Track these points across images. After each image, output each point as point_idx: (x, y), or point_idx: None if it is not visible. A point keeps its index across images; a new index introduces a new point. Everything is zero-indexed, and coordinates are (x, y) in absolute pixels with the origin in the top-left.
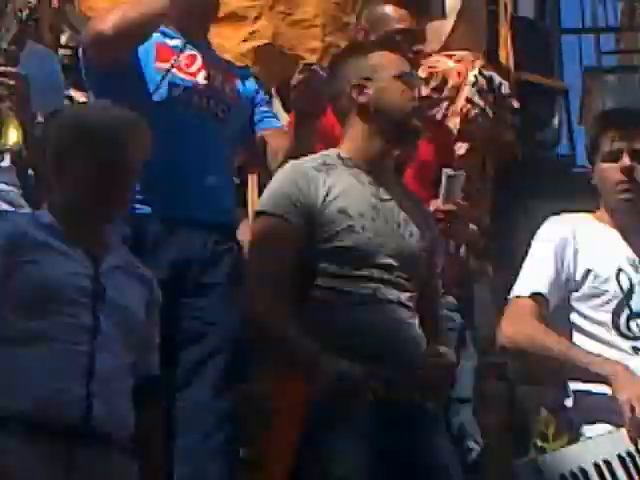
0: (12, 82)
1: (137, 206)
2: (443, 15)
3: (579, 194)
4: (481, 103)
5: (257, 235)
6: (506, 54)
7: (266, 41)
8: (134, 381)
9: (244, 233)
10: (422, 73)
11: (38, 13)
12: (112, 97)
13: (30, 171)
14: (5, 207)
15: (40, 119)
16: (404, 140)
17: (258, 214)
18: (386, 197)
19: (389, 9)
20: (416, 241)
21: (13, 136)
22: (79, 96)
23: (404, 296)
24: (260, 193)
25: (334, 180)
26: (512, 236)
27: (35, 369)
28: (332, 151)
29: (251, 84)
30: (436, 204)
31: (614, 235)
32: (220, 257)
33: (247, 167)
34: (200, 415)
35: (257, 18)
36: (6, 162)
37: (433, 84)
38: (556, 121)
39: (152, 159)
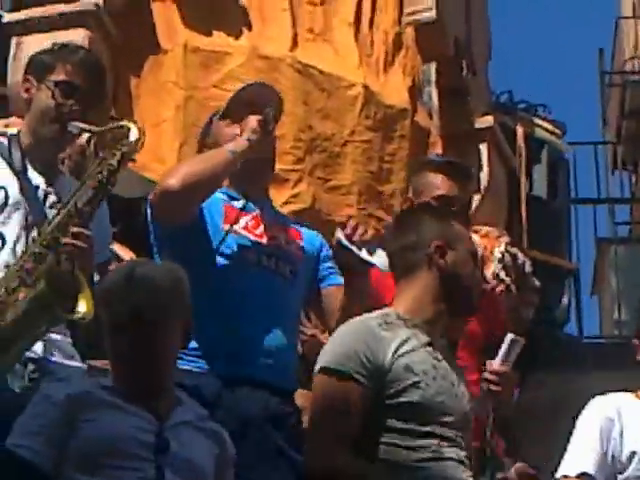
0: (85, 245)
1: (198, 361)
2: (478, 191)
3: (588, 365)
4: (507, 280)
5: (323, 394)
6: (521, 232)
7: (306, 206)
8: None
9: None
10: None
11: (116, 177)
12: (179, 258)
13: None
14: (58, 356)
15: (96, 277)
16: (465, 312)
17: (324, 370)
18: (440, 358)
19: (434, 176)
20: (467, 402)
21: (85, 305)
22: (118, 249)
23: (462, 454)
24: None
25: (399, 339)
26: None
27: None
28: (390, 310)
29: (317, 240)
30: (492, 365)
31: None
32: (281, 421)
33: None
34: None
35: (298, 182)
36: None
37: None
38: (565, 300)
39: (218, 316)
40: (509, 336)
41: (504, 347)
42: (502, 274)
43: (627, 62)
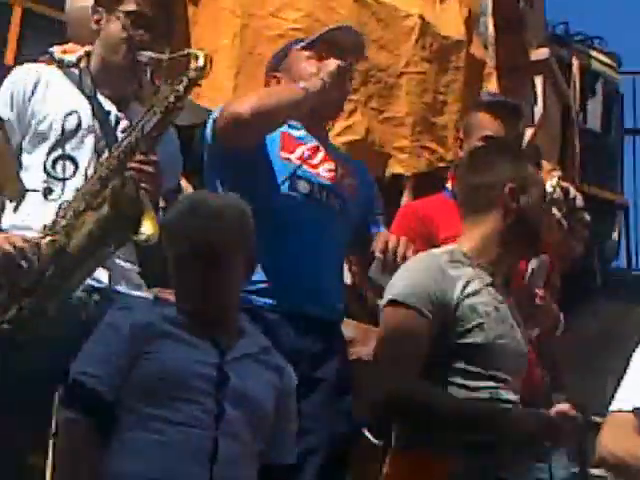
0: (153, 170)
1: (254, 297)
2: (532, 124)
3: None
4: (558, 214)
5: (391, 325)
6: (573, 166)
7: (359, 137)
8: (266, 468)
9: None
10: None
11: (184, 102)
12: (237, 183)
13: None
14: (124, 286)
15: (161, 204)
16: (532, 253)
17: (392, 302)
18: (502, 299)
19: (481, 116)
20: (524, 344)
21: (149, 228)
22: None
23: (517, 397)
24: None
25: (465, 278)
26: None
27: (160, 454)
28: (456, 247)
29: (369, 178)
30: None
31: None
32: (330, 353)
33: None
34: None
35: (352, 113)
36: None
37: None
38: (615, 235)
39: (272, 250)
40: (534, 261)
41: (531, 270)
42: (553, 208)
43: None
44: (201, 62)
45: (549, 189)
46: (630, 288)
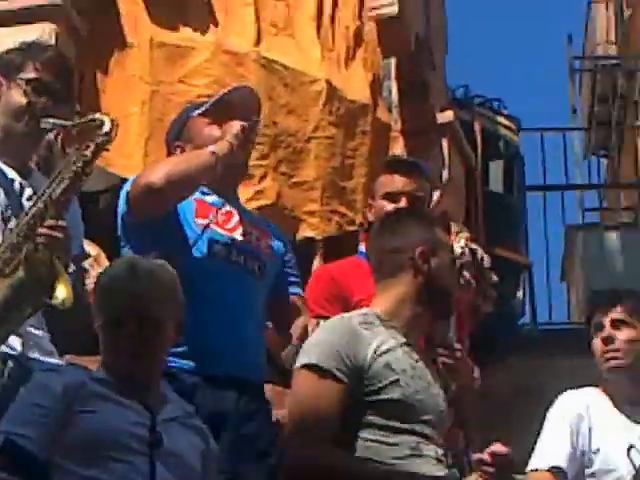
0: (62, 235)
1: (175, 359)
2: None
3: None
4: (467, 275)
5: (303, 389)
6: (478, 227)
7: (270, 202)
8: None
9: None
10: None
11: (91, 167)
12: (150, 251)
13: None
14: (37, 353)
15: (71, 268)
16: (444, 315)
17: (305, 366)
18: (417, 358)
19: (384, 176)
20: (442, 400)
21: (64, 292)
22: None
23: (440, 452)
24: None
25: (379, 338)
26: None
27: None
28: (369, 310)
29: (281, 242)
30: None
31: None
32: (253, 415)
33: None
34: None
35: (263, 178)
36: None
37: None
38: (520, 294)
39: (192, 314)
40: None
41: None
42: (463, 270)
43: (597, 47)
44: (107, 127)
45: (458, 250)
46: (537, 344)
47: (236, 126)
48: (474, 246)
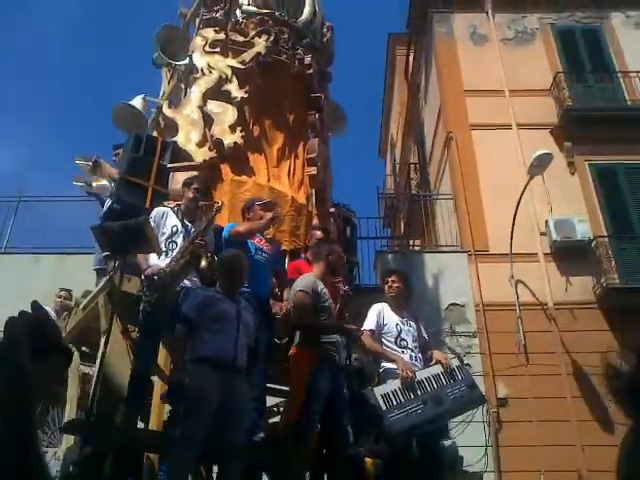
0: (204, 243)
1: (244, 288)
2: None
3: None
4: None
5: (299, 298)
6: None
7: (271, 235)
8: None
9: None
10: None
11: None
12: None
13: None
14: (193, 284)
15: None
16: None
17: (300, 290)
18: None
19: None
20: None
21: (204, 263)
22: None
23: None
24: None
25: (320, 284)
26: None
27: (217, 341)
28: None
29: (278, 248)
30: None
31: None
32: (265, 307)
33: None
34: None
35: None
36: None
37: None
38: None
39: (251, 273)
40: None
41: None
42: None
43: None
44: (219, 204)
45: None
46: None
47: (269, 215)
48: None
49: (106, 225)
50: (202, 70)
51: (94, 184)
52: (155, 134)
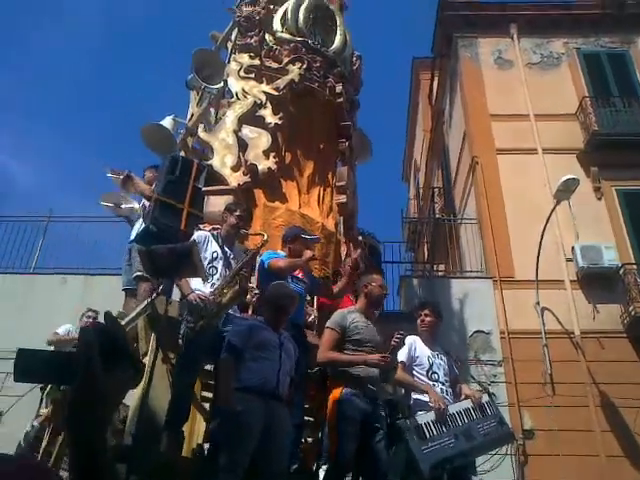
0: (248, 275)
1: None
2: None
3: None
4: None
5: (326, 333)
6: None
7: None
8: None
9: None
10: None
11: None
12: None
13: None
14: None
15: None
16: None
17: (327, 327)
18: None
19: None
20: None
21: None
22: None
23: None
24: None
25: (353, 316)
26: None
27: (261, 369)
28: (352, 307)
29: (313, 278)
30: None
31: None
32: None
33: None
34: None
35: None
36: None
37: None
38: None
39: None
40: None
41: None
42: None
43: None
44: (265, 237)
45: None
46: None
47: (309, 253)
48: None
49: (154, 248)
50: (237, 95)
51: (123, 206)
52: (184, 155)
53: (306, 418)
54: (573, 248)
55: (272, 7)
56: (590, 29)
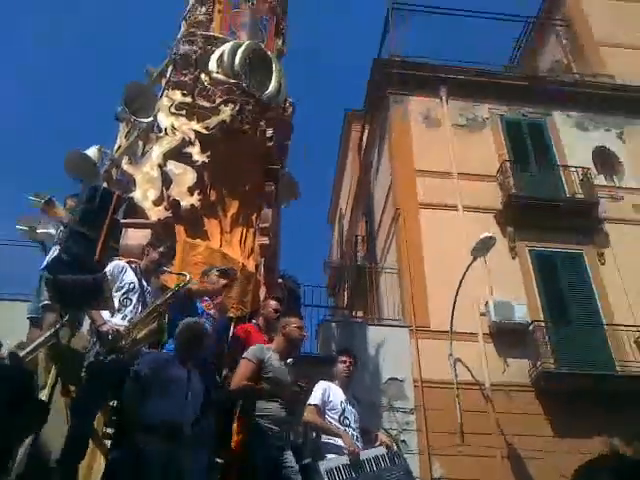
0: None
1: None
2: None
3: None
4: None
5: (242, 364)
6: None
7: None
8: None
9: None
10: None
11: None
12: None
13: None
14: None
15: None
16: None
17: (243, 358)
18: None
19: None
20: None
21: (164, 335)
22: None
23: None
24: None
25: (270, 354)
26: None
27: (166, 406)
28: (269, 345)
29: (223, 318)
30: None
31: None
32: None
33: None
34: None
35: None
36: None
37: None
38: None
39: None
40: None
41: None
42: None
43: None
44: (188, 277)
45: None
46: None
47: (224, 281)
48: None
49: (62, 278)
50: (166, 130)
51: (39, 230)
52: (105, 186)
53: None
54: (487, 303)
55: (209, 47)
56: (513, 98)
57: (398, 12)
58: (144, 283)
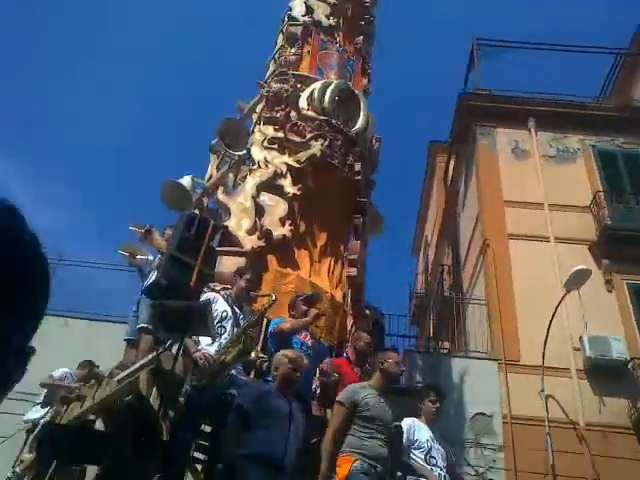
0: (254, 335)
1: None
2: None
3: None
4: None
5: (335, 411)
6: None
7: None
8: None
9: None
10: None
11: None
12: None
13: None
14: (240, 375)
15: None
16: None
17: (336, 401)
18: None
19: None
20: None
21: (253, 355)
22: None
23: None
24: None
25: (366, 392)
26: None
27: (269, 438)
28: (365, 383)
29: (324, 346)
30: None
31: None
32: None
33: None
34: None
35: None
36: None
37: None
38: None
39: None
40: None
41: None
42: None
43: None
44: (273, 297)
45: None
46: None
47: (314, 311)
48: None
49: (166, 302)
50: (259, 163)
51: (138, 257)
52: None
53: None
54: (581, 338)
55: (300, 86)
56: (605, 128)
57: (483, 47)
58: (237, 310)
